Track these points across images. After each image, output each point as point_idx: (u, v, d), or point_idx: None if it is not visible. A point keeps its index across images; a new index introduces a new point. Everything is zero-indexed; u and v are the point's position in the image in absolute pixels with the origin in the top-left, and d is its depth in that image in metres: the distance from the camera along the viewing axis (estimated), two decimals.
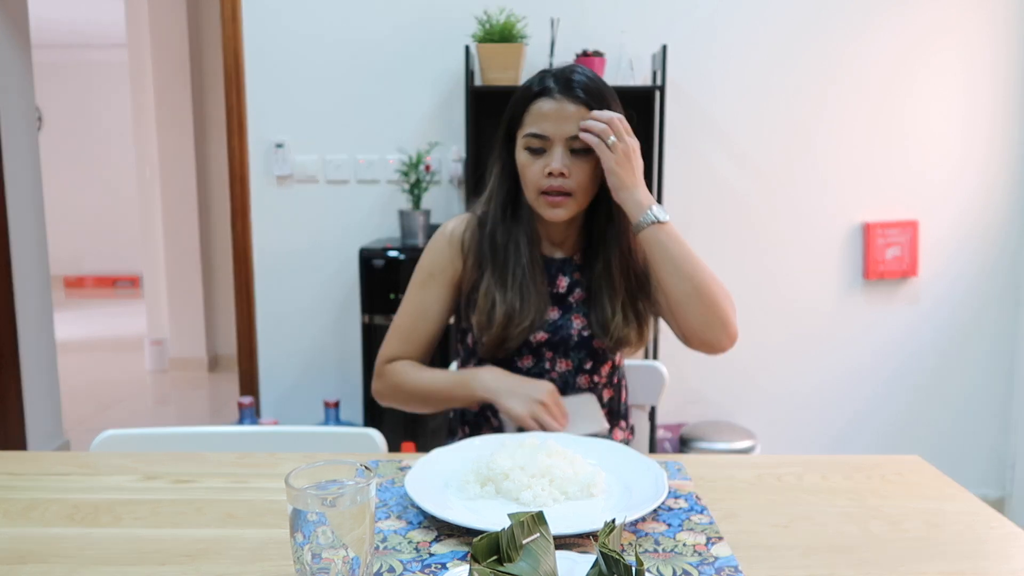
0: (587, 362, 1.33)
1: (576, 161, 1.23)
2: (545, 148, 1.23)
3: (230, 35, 2.77)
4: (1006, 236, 2.81)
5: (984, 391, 2.88)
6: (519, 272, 1.29)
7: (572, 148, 1.23)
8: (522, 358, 1.32)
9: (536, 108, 1.24)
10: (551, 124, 1.22)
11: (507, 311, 1.27)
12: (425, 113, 2.78)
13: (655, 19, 2.71)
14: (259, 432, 1.26)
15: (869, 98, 2.75)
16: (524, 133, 1.25)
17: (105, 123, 7.80)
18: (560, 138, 1.22)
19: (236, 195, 2.85)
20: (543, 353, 1.31)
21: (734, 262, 2.81)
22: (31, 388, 3.13)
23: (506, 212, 1.32)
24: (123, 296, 7.68)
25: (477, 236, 1.33)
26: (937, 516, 0.91)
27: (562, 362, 1.32)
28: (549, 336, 1.31)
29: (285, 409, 2.92)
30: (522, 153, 1.26)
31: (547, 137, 1.23)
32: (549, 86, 1.24)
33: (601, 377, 1.36)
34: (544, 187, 1.24)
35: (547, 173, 1.22)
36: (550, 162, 1.22)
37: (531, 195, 1.27)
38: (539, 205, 1.26)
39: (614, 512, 0.87)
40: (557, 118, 1.22)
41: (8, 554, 0.81)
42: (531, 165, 1.24)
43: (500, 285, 1.28)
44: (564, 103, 1.22)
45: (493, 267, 1.30)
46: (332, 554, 0.68)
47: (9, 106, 3.03)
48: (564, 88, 1.23)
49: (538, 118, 1.23)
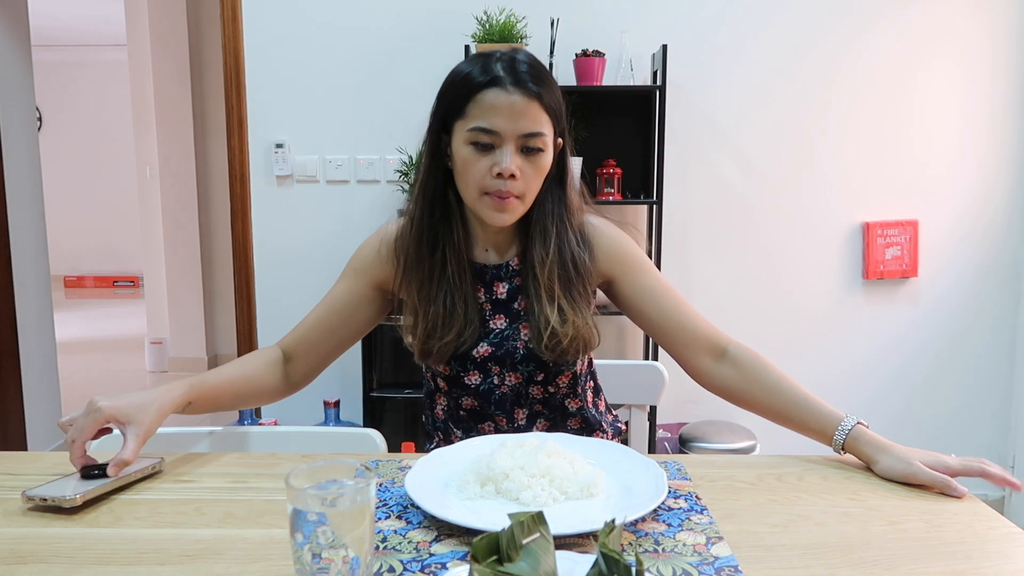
0: (538, 374, 1.22)
1: (526, 161, 1.11)
2: (494, 144, 1.10)
3: (230, 35, 2.77)
4: (1006, 236, 2.81)
5: (984, 391, 2.88)
6: (445, 281, 1.18)
7: (524, 147, 1.10)
8: (468, 374, 1.23)
9: (484, 99, 1.09)
10: (503, 120, 1.09)
11: (428, 323, 1.18)
12: (425, 113, 2.75)
13: (655, 19, 2.72)
14: (259, 432, 1.26)
15: (869, 98, 2.75)
16: (470, 127, 1.10)
17: (105, 123, 7.80)
18: (512, 135, 1.09)
19: (236, 195, 2.85)
20: (489, 368, 1.22)
21: (734, 262, 2.81)
22: (31, 388, 3.13)
23: (435, 211, 1.19)
24: (123, 296, 7.68)
25: (404, 237, 1.22)
26: (937, 516, 0.91)
27: (511, 375, 1.22)
28: (493, 349, 1.21)
29: (285, 409, 2.91)
30: (465, 148, 1.11)
31: (497, 133, 1.09)
32: (499, 75, 1.09)
33: (559, 388, 1.25)
34: (491, 188, 1.11)
35: (496, 173, 1.09)
36: (500, 161, 1.09)
37: (472, 194, 1.13)
38: (481, 206, 1.13)
39: (614, 512, 0.86)
40: (510, 113, 1.09)
41: (8, 554, 0.81)
42: (475, 162, 1.10)
43: (425, 295, 1.19)
44: (515, 95, 1.08)
45: (419, 274, 1.20)
46: (332, 554, 0.68)
47: (9, 106, 3.03)
48: (515, 79, 1.09)
49: (487, 111, 1.09)
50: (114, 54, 7.40)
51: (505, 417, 1.27)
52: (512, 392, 1.25)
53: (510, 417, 1.27)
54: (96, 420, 0.99)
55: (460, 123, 1.12)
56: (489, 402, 1.26)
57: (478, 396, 1.25)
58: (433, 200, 1.19)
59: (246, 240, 2.87)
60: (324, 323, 1.26)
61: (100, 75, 7.75)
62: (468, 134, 1.11)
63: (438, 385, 1.30)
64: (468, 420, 1.29)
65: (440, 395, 1.32)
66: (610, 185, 2.62)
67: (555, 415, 1.29)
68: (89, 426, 0.99)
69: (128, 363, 4.96)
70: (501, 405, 1.26)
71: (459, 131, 1.13)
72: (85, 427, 0.99)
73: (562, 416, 1.29)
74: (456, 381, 1.25)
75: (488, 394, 1.25)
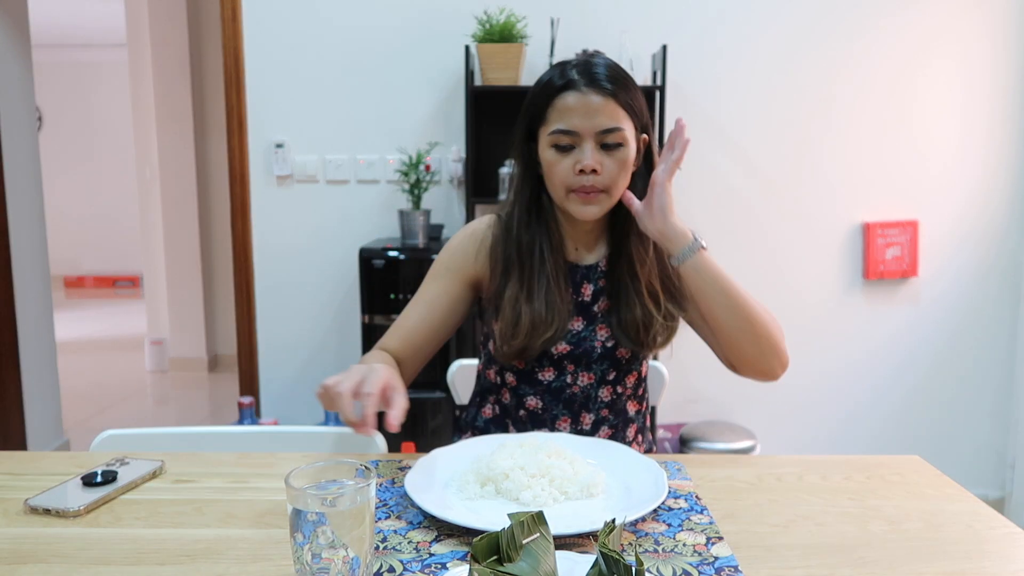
0: (610, 373, 1.27)
1: (606, 156, 1.17)
2: (574, 144, 1.17)
3: (230, 35, 2.77)
4: (1006, 236, 2.81)
5: (984, 391, 2.88)
6: (544, 280, 1.22)
7: (603, 143, 1.16)
8: (543, 370, 1.27)
9: (561, 103, 1.17)
10: (579, 119, 1.15)
11: (532, 321, 1.21)
12: (425, 113, 2.78)
13: (655, 19, 2.72)
14: (259, 432, 1.26)
15: (869, 98, 2.75)
16: (550, 130, 1.18)
17: (105, 123, 7.80)
18: (590, 133, 1.16)
19: (236, 195, 2.85)
20: (564, 366, 1.26)
21: (734, 262, 2.79)
22: (31, 388, 3.13)
23: (530, 215, 1.25)
24: (123, 296, 7.68)
25: (503, 240, 1.26)
26: (937, 516, 0.91)
27: (584, 375, 1.26)
28: (571, 348, 1.25)
29: (285, 409, 2.92)
30: (548, 151, 1.19)
31: (576, 133, 1.16)
32: (573, 78, 1.17)
33: (626, 388, 1.30)
34: (575, 185, 1.17)
35: (578, 170, 1.16)
36: (581, 158, 1.16)
37: (560, 194, 1.20)
38: (570, 203, 1.19)
39: (614, 512, 0.87)
40: (585, 112, 1.15)
41: (8, 554, 0.81)
42: (559, 163, 1.18)
43: (527, 293, 1.22)
44: (590, 95, 1.15)
45: (520, 274, 1.23)
46: (332, 554, 0.68)
47: (9, 106, 3.03)
48: (589, 80, 1.16)
49: (564, 113, 1.16)
50: (114, 54, 7.40)
51: (571, 418, 1.28)
52: (582, 393, 1.27)
53: (576, 419, 1.28)
54: (380, 382, 0.94)
55: (543, 129, 1.20)
56: (558, 400, 1.27)
57: (548, 394, 1.27)
58: (528, 204, 1.26)
59: (246, 240, 2.87)
60: (427, 325, 1.27)
61: (100, 75, 7.75)
62: (550, 137, 1.18)
63: (504, 381, 1.30)
64: (527, 422, 1.29)
65: (495, 395, 1.32)
66: None
67: (618, 421, 1.30)
68: (374, 390, 0.93)
69: (128, 363, 4.96)
70: (569, 405, 1.28)
71: (543, 137, 1.20)
72: (376, 381, 0.93)
73: (624, 423, 1.31)
74: (528, 377, 1.28)
75: (559, 392, 1.27)
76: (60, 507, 0.91)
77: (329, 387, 0.94)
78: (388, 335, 1.28)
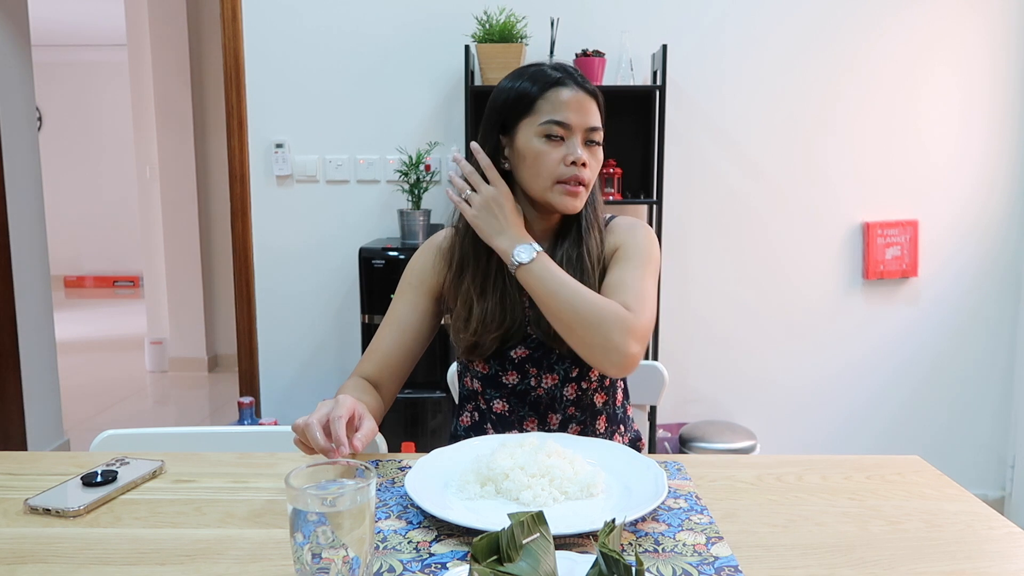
0: (573, 370, 1.27)
1: (589, 153, 1.22)
2: (564, 137, 1.20)
3: (230, 35, 2.77)
4: (1006, 236, 2.81)
5: (984, 391, 2.88)
6: (501, 278, 1.25)
7: (588, 140, 1.22)
8: (507, 374, 1.28)
9: (555, 96, 1.20)
10: (573, 113, 1.20)
11: (482, 317, 1.23)
12: (425, 113, 2.78)
13: (655, 19, 2.72)
14: (259, 432, 1.26)
15: (869, 98, 2.75)
16: (542, 120, 1.20)
17: (105, 123, 7.80)
18: (580, 128, 1.21)
19: (236, 195, 2.85)
20: (527, 369, 1.27)
21: (734, 262, 2.81)
22: (31, 388, 3.13)
23: None
24: (123, 296, 7.68)
25: (460, 239, 1.28)
26: (937, 516, 0.91)
27: (547, 376, 1.27)
28: (530, 352, 1.26)
29: (285, 409, 2.92)
30: (536, 140, 1.20)
31: (569, 126, 1.20)
32: (563, 76, 1.22)
33: (591, 383, 1.29)
34: (565, 176, 1.20)
35: (570, 162, 1.19)
36: (572, 151, 1.19)
37: (545, 184, 1.21)
38: (554, 195, 1.21)
39: (614, 512, 0.87)
40: (578, 108, 1.20)
41: (8, 554, 0.81)
42: (548, 153, 1.20)
43: (479, 290, 1.25)
44: (580, 93, 1.21)
45: (474, 270, 1.26)
46: (332, 554, 0.68)
47: (9, 106, 3.03)
48: (577, 80, 1.22)
49: (559, 106, 1.20)
50: (114, 54, 7.40)
51: (537, 419, 1.28)
52: (547, 394, 1.28)
53: (543, 420, 1.29)
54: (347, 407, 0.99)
55: (528, 120, 1.22)
56: (524, 403, 1.28)
57: (514, 396, 1.28)
58: None
59: (246, 240, 2.87)
60: (400, 345, 1.29)
61: (100, 75, 7.75)
62: (541, 127, 1.20)
63: (473, 387, 1.32)
64: (498, 425, 1.30)
65: (473, 402, 1.34)
66: (610, 185, 2.62)
67: (586, 416, 1.30)
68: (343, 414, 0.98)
69: (128, 363, 4.96)
70: (535, 407, 1.28)
71: (527, 127, 1.22)
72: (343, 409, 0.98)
73: (592, 417, 1.31)
74: (493, 381, 1.29)
75: (524, 395, 1.28)
76: (60, 507, 0.91)
77: (298, 424, 0.98)
78: (363, 361, 1.29)
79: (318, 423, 0.96)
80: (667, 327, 2.77)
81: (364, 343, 2.58)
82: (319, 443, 0.95)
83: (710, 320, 2.83)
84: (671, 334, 2.79)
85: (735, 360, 2.86)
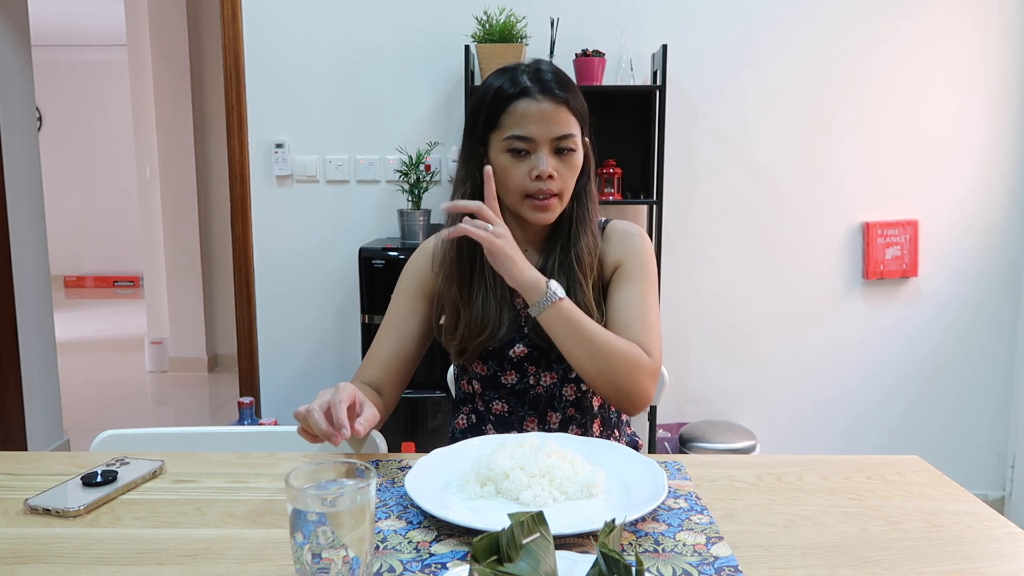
0: (572, 370, 1.26)
1: (560, 161, 1.20)
2: (529, 150, 1.19)
3: (230, 35, 2.77)
4: (1006, 236, 2.81)
5: (984, 391, 2.88)
6: (483, 284, 1.25)
7: (556, 148, 1.19)
8: (505, 374, 1.28)
9: (516, 109, 1.18)
10: (536, 126, 1.18)
11: (469, 322, 1.24)
12: (425, 113, 2.78)
13: (655, 19, 2.72)
14: (259, 432, 1.26)
15: (869, 98, 2.75)
16: (505, 135, 1.19)
17: (105, 123, 7.80)
18: (545, 139, 1.18)
19: (236, 195, 2.85)
20: (526, 368, 1.27)
21: (734, 262, 2.81)
22: (31, 388, 3.13)
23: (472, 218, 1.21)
24: (123, 296, 7.68)
25: (450, 247, 1.27)
26: (937, 516, 0.91)
27: (546, 375, 1.27)
28: (529, 350, 1.26)
29: (285, 409, 2.92)
30: (502, 156, 1.20)
31: (532, 139, 1.18)
32: (527, 85, 1.19)
33: None
34: (532, 190, 1.19)
35: (534, 176, 1.18)
36: (537, 164, 1.18)
37: (514, 199, 1.21)
38: (524, 208, 1.21)
39: (614, 512, 0.87)
40: (541, 119, 1.18)
41: (8, 554, 0.81)
42: (514, 168, 1.19)
43: (466, 296, 1.25)
44: (544, 103, 1.18)
45: (461, 277, 1.26)
46: (332, 554, 0.68)
47: (9, 106, 3.03)
48: (542, 87, 1.19)
49: (521, 120, 1.18)
50: (114, 54, 7.40)
51: (537, 418, 1.28)
52: (546, 393, 1.28)
53: (542, 419, 1.28)
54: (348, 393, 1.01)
55: (495, 134, 1.21)
56: (523, 403, 1.28)
57: (513, 396, 1.28)
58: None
59: (246, 240, 2.87)
60: (400, 349, 1.29)
61: (100, 75, 7.75)
62: (504, 143, 1.20)
63: (472, 389, 1.32)
64: (497, 426, 1.30)
65: (470, 405, 1.34)
66: (610, 185, 2.62)
67: (585, 418, 1.30)
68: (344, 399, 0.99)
69: (128, 363, 4.96)
70: (535, 406, 1.28)
71: (495, 141, 1.22)
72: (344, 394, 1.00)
73: (589, 420, 1.31)
74: (492, 382, 1.29)
75: (523, 394, 1.28)
76: (60, 507, 0.91)
77: (299, 412, 0.99)
78: (364, 367, 1.29)
79: (319, 409, 0.97)
80: (667, 327, 2.77)
81: (364, 343, 2.58)
82: (321, 428, 0.95)
83: (710, 320, 2.83)
84: (671, 334, 2.78)
85: (735, 360, 2.86)
